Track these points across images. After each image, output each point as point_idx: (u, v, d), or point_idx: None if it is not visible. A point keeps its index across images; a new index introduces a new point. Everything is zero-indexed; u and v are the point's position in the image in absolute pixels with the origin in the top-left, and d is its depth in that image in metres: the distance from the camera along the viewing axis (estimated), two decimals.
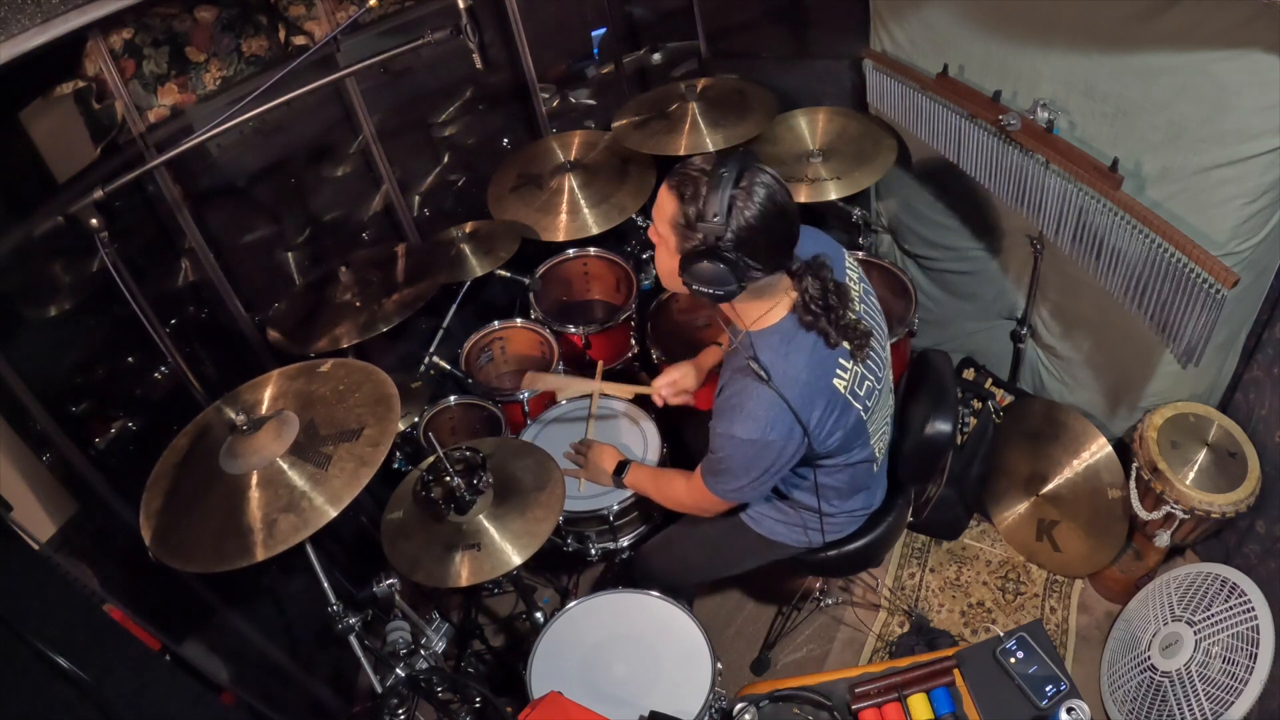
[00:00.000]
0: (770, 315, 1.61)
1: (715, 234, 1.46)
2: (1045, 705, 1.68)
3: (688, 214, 1.49)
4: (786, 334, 1.60)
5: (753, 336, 1.61)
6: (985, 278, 2.73)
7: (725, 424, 1.62)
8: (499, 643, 2.61)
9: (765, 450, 1.60)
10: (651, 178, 2.71)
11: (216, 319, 2.47)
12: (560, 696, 1.62)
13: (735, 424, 1.60)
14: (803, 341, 1.59)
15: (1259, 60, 1.64)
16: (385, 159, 2.72)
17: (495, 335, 2.77)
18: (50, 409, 1.92)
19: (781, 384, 1.55)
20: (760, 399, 1.56)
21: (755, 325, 1.62)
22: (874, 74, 2.57)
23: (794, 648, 2.53)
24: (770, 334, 1.61)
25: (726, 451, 1.65)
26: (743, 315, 1.62)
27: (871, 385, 1.69)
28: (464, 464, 1.87)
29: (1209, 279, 1.77)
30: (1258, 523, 2.18)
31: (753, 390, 1.57)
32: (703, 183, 1.47)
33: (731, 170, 1.46)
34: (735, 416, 1.60)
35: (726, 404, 1.63)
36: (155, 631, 1.72)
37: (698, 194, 1.47)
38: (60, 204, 1.95)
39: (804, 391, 1.57)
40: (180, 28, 2.17)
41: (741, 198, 1.45)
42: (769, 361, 1.56)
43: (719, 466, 1.71)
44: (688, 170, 1.51)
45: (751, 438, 1.58)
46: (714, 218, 1.45)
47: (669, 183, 1.53)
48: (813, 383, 1.59)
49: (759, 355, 1.57)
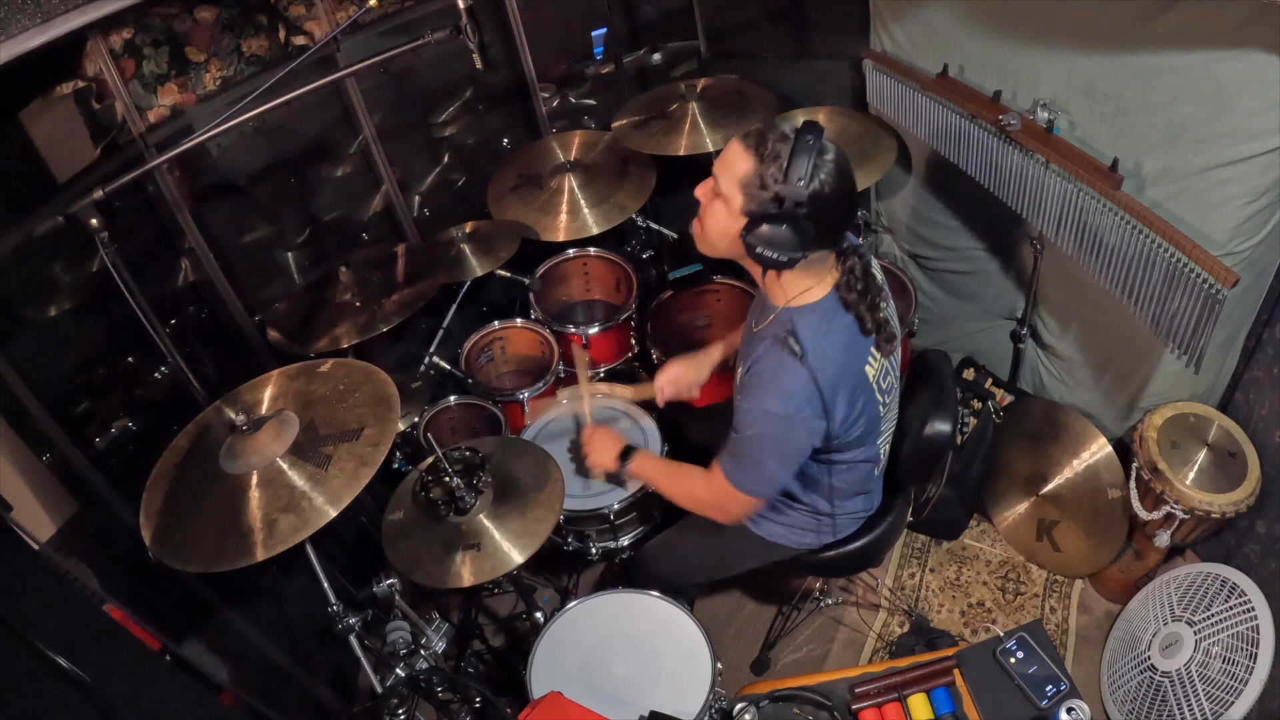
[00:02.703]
0: (811, 293, 1.60)
1: (795, 198, 1.44)
2: (1045, 705, 1.68)
3: (765, 174, 1.46)
4: (827, 312, 1.59)
5: (791, 313, 1.60)
6: (985, 278, 2.73)
7: (755, 399, 1.59)
8: (499, 643, 2.61)
9: (795, 427, 1.58)
10: (651, 178, 2.71)
11: (216, 319, 2.47)
12: (560, 696, 1.62)
13: (766, 397, 1.57)
14: (842, 321, 1.59)
15: (1259, 60, 1.64)
16: (385, 159, 2.72)
17: (495, 335, 2.77)
18: (50, 409, 1.92)
19: (816, 363, 1.54)
20: (794, 374, 1.54)
21: (795, 301, 1.60)
22: (874, 74, 2.57)
23: (794, 648, 2.53)
24: (810, 311, 1.60)
25: (755, 429, 1.61)
26: (786, 289, 1.61)
27: (892, 382, 1.71)
28: (463, 464, 1.87)
29: (1209, 279, 1.77)
30: (1258, 523, 2.18)
31: (787, 365, 1.55)
32: (784, 145, 1.45)
33: (815, 138, 1.44)
34: (767, 390, 1.57)
35: (757, 378, 1.60)
36: (155, 631, 1.71)
37: (779, 155, 1.45)
38: (60, 204, 1.95)
39: (838, 372, 1.57)
40: (180, 28, 2.17)
41: (824, 166, 1.44)
42: (808, 339, 1.55)
43: (743, 449, 1.66)
44: (766, 131, 1.49)
45: (783, 412, 1.56)
46: (797, 181, 1.43)
47: (744, 141, 1.50)
48: (847, 364, 1.59)
49: (799, 331, 1.56)
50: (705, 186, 1.59)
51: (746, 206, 1.50)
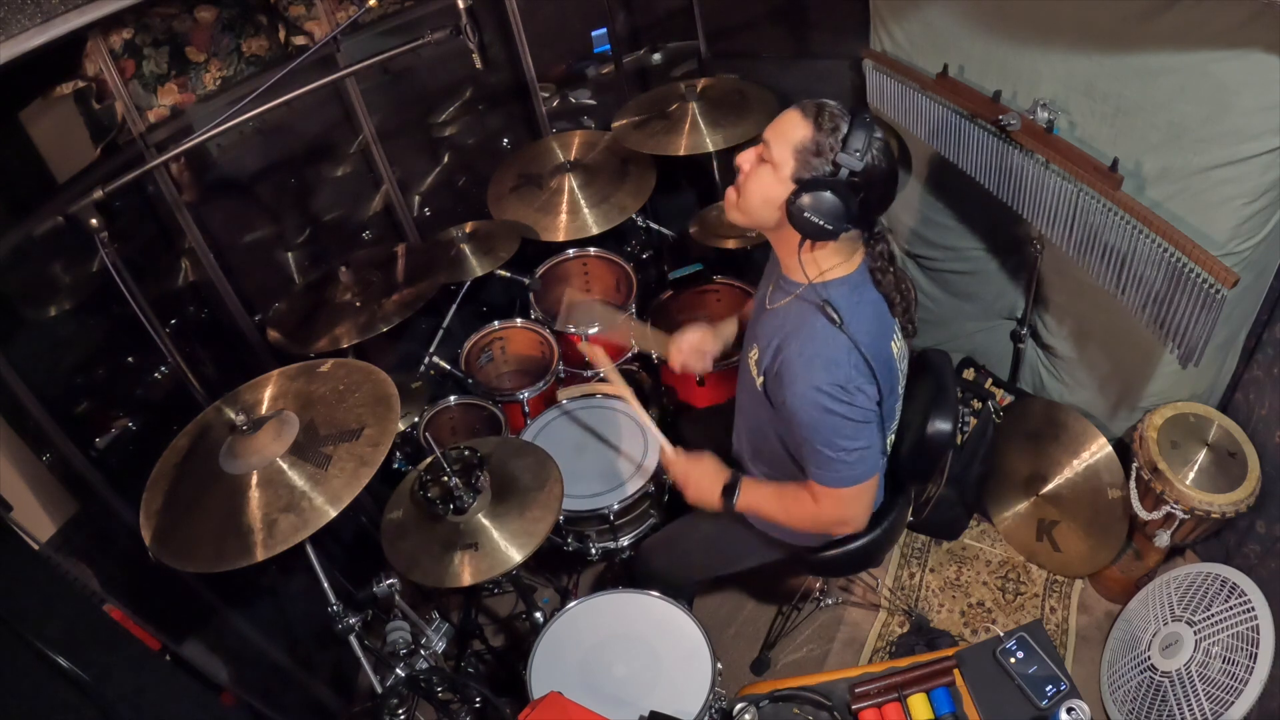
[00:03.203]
0: (840, 268, 1.61)
1: (850, 167, 1.46)
2: (1045, 705, 1.68)
3: (822, 141, 1.48)
4: (856, 285, 1.61)
5: (824, 286, 1.59)
6: (985, 278, 2.72)
7: (801, 382, 1.55)
8: (499, 643, 2.61)
9: (852, 394, 1.54)
10: (651, 178, 2.71)
11: (216, 319, 2.47)
12: (560, 696, 1.62)
13: (815, 373, 1.54)
14: (871, 296, 1.61)
15: (1259, 60, 1.64)
16: (385, 159, 2.73)
17: (495, 335, 2.77)
18: (50, 409, 1.92)
19: (857, 331, 1.54)
20: (835, 342, 1.54)
21: (824, 276, 1.60)
22: (874, 74, 2.57)
23: (794, 648, 2.53)
24: (839, 284, 1.60)
25: (814, 413, 1.55)
26: (819, 262, 1.60)
27: (905, 368, 1.74)
28: (461, 464, 1.87)
29: (1209, 279, 1.77)
30: (1258, 523, 2.18)
31: (825, 334, 1.54)
32: (843, 119, 1.49)
33: (870, 118, 1.49)
34: (813, 366, 1.54)
35: (798, 358, 1.56)
36: (155, 631, 1.72)
37: (838, 128, 1.48)
38: (60, 204, 1.95)
39: (875, 340, 1.58)
40: (180, 28, 2.17)
41: (876, 144, 1.48)
42: (844, 308, 1.55)
43: (817, 444, 1.59)
44: (824, 104, 1.52)
45: (835, 381, 1.53)
46: (855, 151, 1.46)
47: (802, 110, 1.52)
48: (879, 336, 1.60)
49: (832, 301, 1.55)
50: (750, 154, 1.60)
51: (798, 172, 1.51)
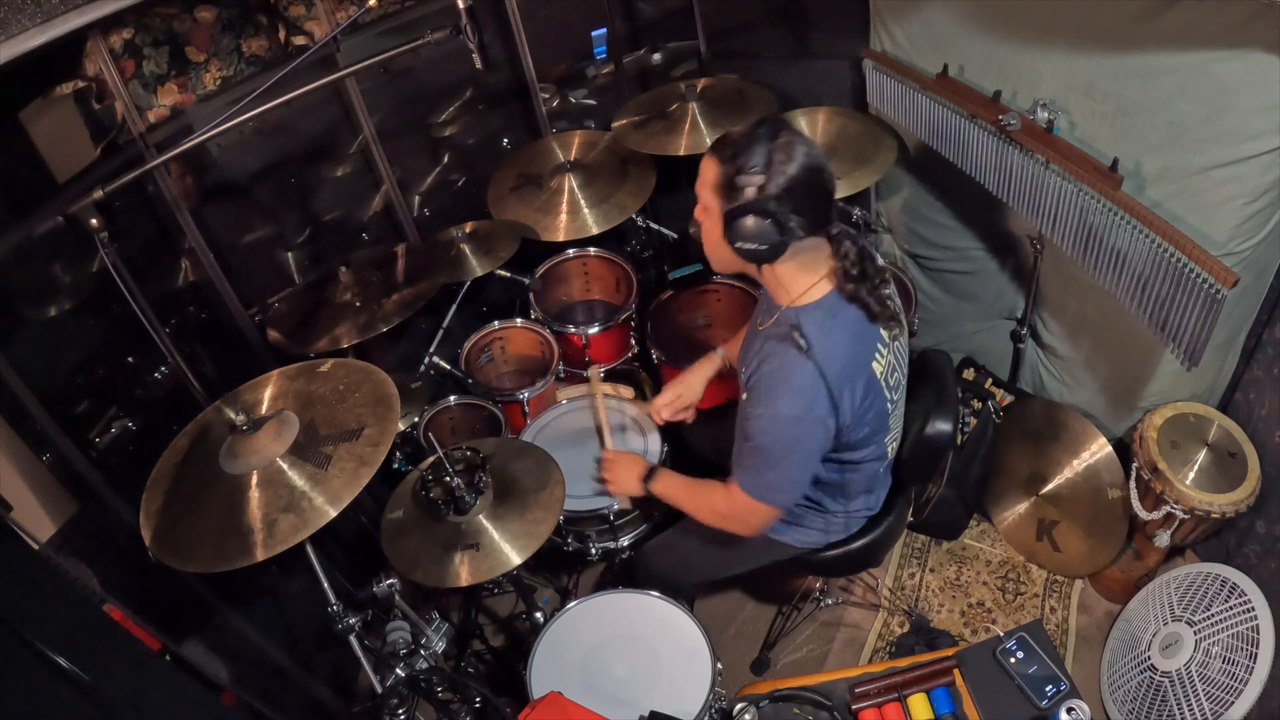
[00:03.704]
0: (815, 290, 1.62)
1: (758, 185, 1.48)
2: (1045, 705, 1.68)
3: (728, 173, 1.51)
4: (831, 308, 1.61)
5: (796, 311, 1.61)
6: (985, 278, 2.73)
7: (765, 403, 1.60)
8: (499, 643, 2.61)
9: (809, 426, 1.58)
10: (651, 178, 2.71)
11: (216, 319, 2.47)
12: (560, 696, 1.62)
13: (778, 399, 1.57)
14: (847, 316, 1.60)
15: (1259, 60, 1.64)
16: (385, 159, 2.72)
17: (495, 335, 2.77)
18: (50, 409, 1.92)
19: (823, 357, 1.55)
20: (804, 372, 1.55)
21: (799, 300, 1.62)
22: (874, 74, 2.57)
23: (794, 648, 2.53)
24: (814, 309, 1.61)
25: (768, 436, 1.61)
26: (788, 286, 1.63)
27: (899, 378, 1.72)
28: (464, 464, 1.87)
29: (1209, 279, 1.77)
30: (1258, 523, 2.18)
31: (795, 364, 1.56)
32: (742, 142, 1.51)
33: (768, 128, 1.50)
34: (777, 392, 1.58)
35: (766, 380, 1.60)
36: (155, 631, 1.71)
37: (738, 153, 1.50)
38: (60, 204, 1.95)
39: (846, 366, 1.58)
40: (180, 28, 2.17)
41: (780, 151, 1.48)
42: (812, 334, 1.56)
43: (755, 459, 1.66)
44: (726, 137, 1.55)
45: (794, 413, 1.57)
46: (754, 170, 1.48)
47: (709, 152, 1.57)
48: (854, 358, 1.60)
49: (805, 328, 1.57)
50: (697, 208, 1.63)
51: (724, 209, 1.54)
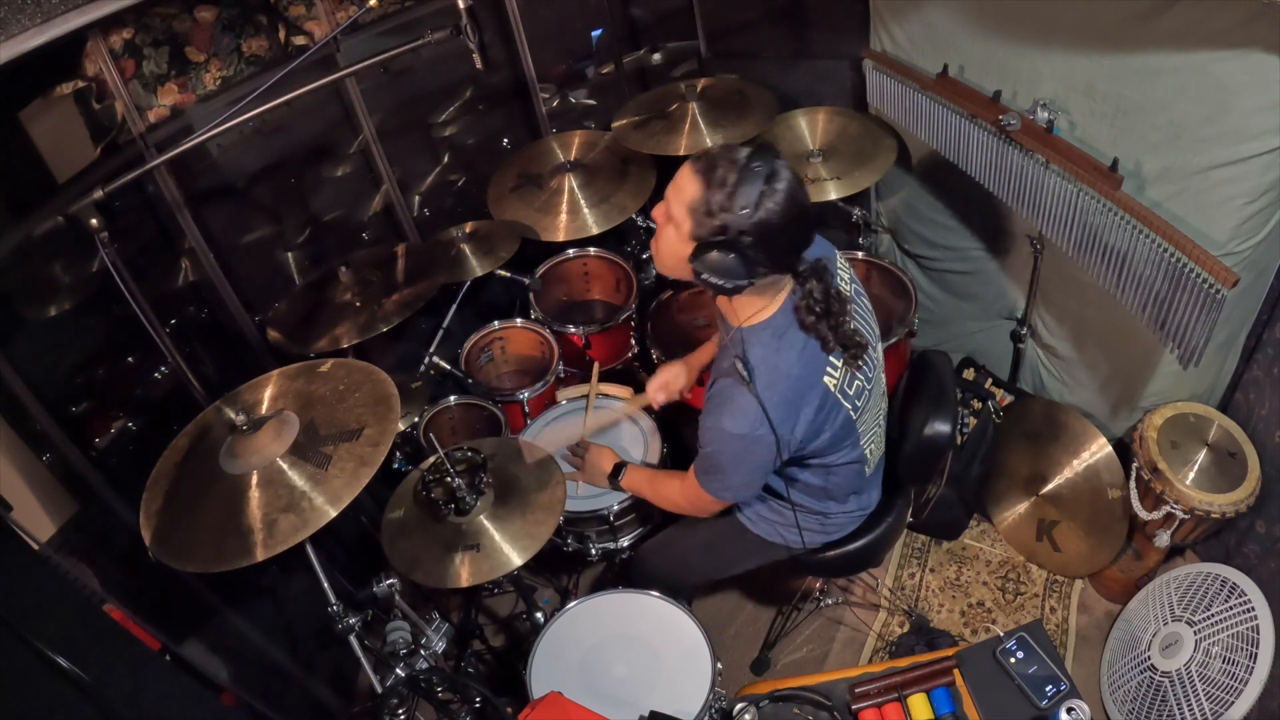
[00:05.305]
0: (764, 311, 1.60)
1: (739, 226, 1.43)
2: (1045, 705, 1.68)
3: (710, 200, 1.44)
4: (779, 329, 1.59)
5: (744, 333, 1.60)
6: (985, 278, 2.73)
7: (714, 418, 1.62)
8: (499, 643, 2.61)
9: (752, 444, 1.60)
10: (652, 178, 2.70)
11: (216, 319, 2.47)
12: (560, 696, 1.62)
13: (723, 417, 1.60)
14: (794, 338, 1.58)
15: (1259, 60, 1.64)
16: (385, 159, 2.72)
17: (495, 335, 2.76)
18: (50, 409, 1.92)
19: (765, 386, 1.54)
20: (744, 399, 1.56)
21: (748, 321, 1.60)
22: (874, 74, 2.57)
23: (794, 648, 2.53)
24: (762, 329, 1.60)
25: (715, 446, 1.65)
26: (738, 310, 1.61)
27: (861, 385, 1.69)
28: (465, 464, 1.87)
29: (1209, 279, 1.77)
30: (1258, 523, 2.18)
31: (737, 390, 1.57)
32: (732, 172, 1.43)
33: (764, 165, 1.43)
34: (723, 410, 1.60)
35: (715, 398, 1.63)
36: (155, 631, 1.72)
37: (725, 182, 1.43)
38: (60, 204, 1.95)
39: (790, 389, 1.57)
40: (180, 28, 2.17)
41: (769, 194, 1.42)
42: (759, 358, 1.55)
43: (708, 464, 1.71)
44: (716, 156, 1.46)
45: (740, 432, 1.58)
46: (741, 210, 1.42)
47: (694, 166, 1.48)
48: (804, 377, 1.58)
49: (749, 352, 1.56)
50: (660, 209, 1.57)
51: (695, 231, 1.49)
